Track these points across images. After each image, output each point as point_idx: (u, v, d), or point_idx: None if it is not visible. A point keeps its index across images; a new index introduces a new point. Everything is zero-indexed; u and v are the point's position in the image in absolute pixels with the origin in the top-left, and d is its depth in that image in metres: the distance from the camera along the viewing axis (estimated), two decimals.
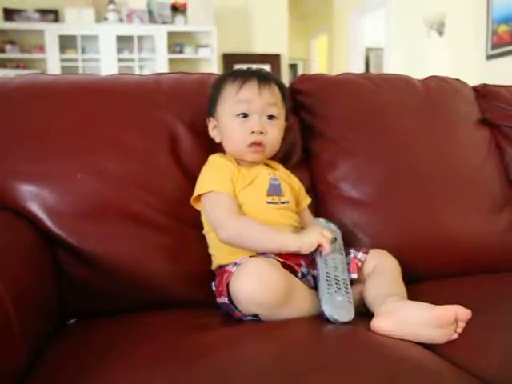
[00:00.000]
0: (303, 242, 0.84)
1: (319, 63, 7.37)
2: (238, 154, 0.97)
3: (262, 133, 0.94)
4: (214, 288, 0.90)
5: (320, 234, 0.85)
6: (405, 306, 0.76)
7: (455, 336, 0.73)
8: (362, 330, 0.75)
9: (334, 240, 0.90)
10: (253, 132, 0.93)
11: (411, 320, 0.72)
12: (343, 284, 0.83)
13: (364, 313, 0.83)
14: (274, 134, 0.96)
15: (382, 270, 0.88)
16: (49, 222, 0.89)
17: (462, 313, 0.71)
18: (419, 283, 0.97)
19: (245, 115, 0.94)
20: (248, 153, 0.95)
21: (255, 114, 0.94)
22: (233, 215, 0.88)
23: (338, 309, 0.78)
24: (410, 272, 0.93)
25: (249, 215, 0.91)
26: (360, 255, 0.91)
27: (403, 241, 1.06)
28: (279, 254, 0.85)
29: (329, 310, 0.78)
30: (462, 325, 0.72)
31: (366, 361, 0.65)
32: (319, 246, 0.85)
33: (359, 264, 0.89)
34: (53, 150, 0.94)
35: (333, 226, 0.97)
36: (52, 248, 0.89)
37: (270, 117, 0.96)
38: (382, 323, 0.74)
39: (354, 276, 0.88)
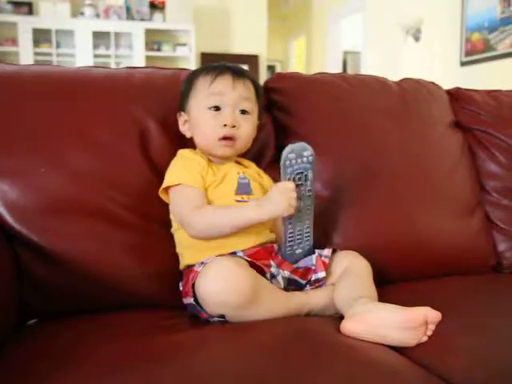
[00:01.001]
0: (269, 212, 0.82)
1: (297, 65, 7.40)
2: (208, 148, 0.95)
3: (234, 126, 0.92)
4: (181, 288, 0.88)
5: (285, 204, 0.80)
6: (374, 308, 0.75)
7: (425, 338, 0.72)
8: (330, 331, 0.74)
9: (303, 181, 0.83)
10: (225, 125, 0.91)
11: (380, 322, 0.71)
12: (305, 234, 0.88)
13: (333, 315, 0.82)
14: (246, 129, 0.94)
15: (352, 271, 0.87)
16: (9, 218, 0.85)
17: (431, 315, 0.70)
18: (390, 285, 0.97)
19: (217, 108, 0.92)
20: (219, 147, 0.93)
21: (228, 107, 0.92)
22: (196, 210, 0.86)
23: (295, 256, 0.88)
24: (381, 273, 0.93)
25: None
26: (325, 252, 0.90)
27: (375, 242, 1.05)
28: (249, 254, 0.83)
29: (289, 259, 0.87)
30: (431, 327, 0.71)
31: (333, 363, 0.64)
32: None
33: (326, 261, 0.88)
34: (15, 143, 0.89)
35: (303, 159, 0.83)
36: (12, 245, 0.85)
37: (243, 111, 0.94)
38: (350, 325, 0.73)
39: (323, 274, 0.87)
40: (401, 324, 0.70)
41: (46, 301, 0.88)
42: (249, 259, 0.81)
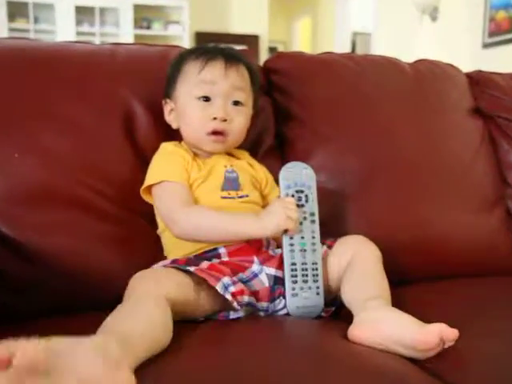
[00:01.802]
0: (265, 228, 0.81)
1: (301, 47, 7.38)
2: (196, 143, 0.94)
3: (225, 120, 0.91)
4: None
5: (284, 216, 0.79)
6: (386, 317, 0.73)
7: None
8: (336, 337, 0.73)
9: (304, 202, 0.84)
10: (215, 118, 0.90)
11: (392, 338, 0.70)
12: (311, 271, 0.83)
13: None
14: (239, 123, 0.93)
15: (359, 264, 0.84)
16: None
17: (448, 333, 0.68)
18: (402, 286, 0.96)
19: (207, 99, 0.91)
20: (207, 142, 0.92)
21: (219, 97, 0.91)
22: (184, 207, 0.85)
23: (304, 308, 0.82)
24: (395, 273, 0.90)
25: None
26: (322, 250, 0.88)
27: (384, 240, 1.03)
28: (230, 251, 0.84)
29: (294, 312, 0.82)
30: (448, 344, 0.69)
31: (340, 372, 0.63)
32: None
33: None
34: None
35: (302, 177, 0.86)
36: None
37: (236, 103, 0.93)
38: (360, 333, 0.72)
39: None
40: (413, 345, 0.68)
41: (18, 300, 0.87)
42: (192, 270, 0.78)
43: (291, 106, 1.12)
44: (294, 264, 0.82)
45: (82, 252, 0.89)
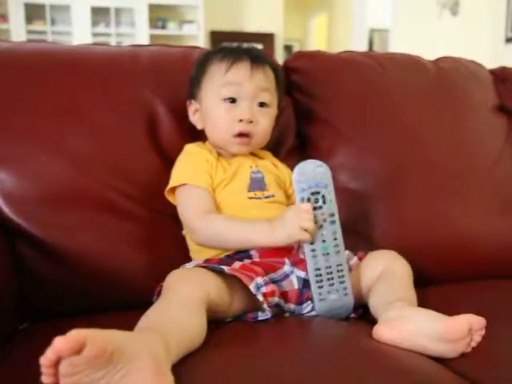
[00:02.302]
0: (276, 238, 0.80)
1: (317, 45, 7.36)
2: (221, 144, 0.95)
3: (251, 122, 0.91)
4: None
5: (297, 227, 0.78)
6: (411, 314, 0.73)
7: (469, 350, 0.70)
8: (362, 336, 0.74)
9: (322, 203, 0.80)
10: (241, 120, 0.91)
11: (417, 332, 0.70)
12: (336, 273, 0.81)
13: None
14: (264, 125, 0.94)
15: (389, 274, 0.85)
16: (6, 209, 0.87)
17: (475, 322, 0.69)
18: (426, 287, 0.96)
19: (233, 100, 0.92)
20: (233, 144, 0.93)
21: (245, 99, 0.92)
22: (202, 216, 0.87)
23: (333, 310, 0.81)
24: (417, 275, 0.90)
25: (228, 213, 0.89)
26: (353, 261, 0.89)
27: (407, 241, 1.04)
28: (261, 253, 0.85)
29: (324, 314, 0.81)
30: (476, 338, 0.70)
31: (366, 371, 0.64)
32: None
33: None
34: (12, 129, 0.91)
35: (317, 177, 0.81)
36: (11, 239, 0.87)
37: (262, 104, 0.93)
38: (384, 332, 0.72)
39: None
40: (440, 335, 0.68)
41: (45, 299, 0.89)
42: (226, 270, 0.79)
43: (312, 106, 1.13)
44: (318, 269, 0.81)
45: (108, 252, 0.90)
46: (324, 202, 0.80)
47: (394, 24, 5.02)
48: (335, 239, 0.82)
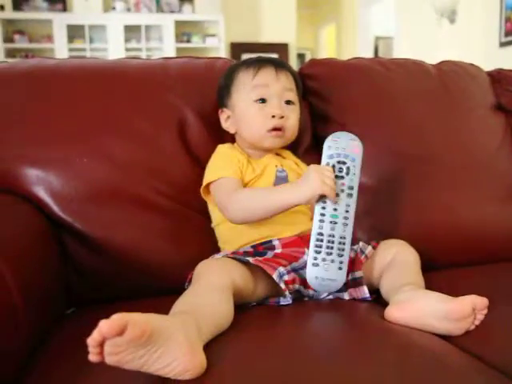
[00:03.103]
0: (302, 192, 0.77)
1: (327, 52, 7.30)
2: (257, 141, 0.94)
3: (282, 117, 0.91)
4: None
5: (319, 180, 0.74)
6: (420, 296, 0.73)
7: (473, 327, 0.70)
8: (375, 317, 0.73)
9: (345, 174, 0.76)
10: (273, 116, 0.91)
11: (426, 312, 0.69)
12: (338, 245, 0.76)
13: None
14: (293, 120, 0.94)
15: (399, 261, 0.84)
16: (55, 207, 0.87)
17: (478, 302, 0.68)
18: (433, 272, 0.94)
19: (263, 100, 0.92)
20: (268, 138, 0.92)
21: (274, 98, 0.91)
22: (232, 194, 0.86)
23: (323, 280, 0.77)
24: (425, 260, 0.89)
25: None
26: (368, 250, 0.87)
27: (418, 230, 1.03)
28: (284, 243, 0.84)
29: (313, 282, 0.78)
30: (480, 317, 0.69)
31: (381, 350, 0.63)
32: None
33: (363, 260, 0.85)
34: (59, 134, 0.92)
35: (347, 148, 0.76)
36: (58, 233, 0.88)
37: (288, 102, 0.93)
38: (395, 313, 0.72)
39: (360, 274, 0.83)
40: (447, 314, 0.68)
41: (89, 288, 0.90)
42: (251, 260, 0.78)
43: (326, 109, 1.12)
44: (320, 234, 0.77)
45: (143, 244, 0.90)
46: (347, 174, 0.76)
47: (398, 32, 4.95)
48: (347, 211, 0.77)
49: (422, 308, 0.70)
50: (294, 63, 5.46)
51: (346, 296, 0.82)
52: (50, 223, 0.86)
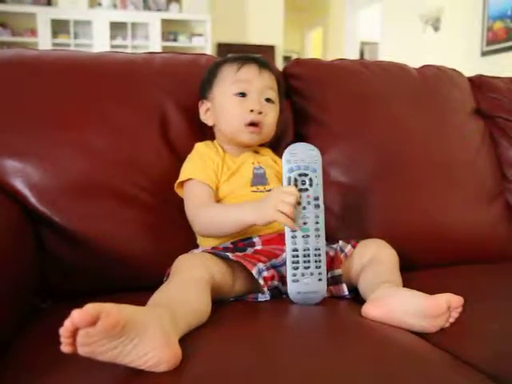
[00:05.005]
0: (262, 218, 0.77)
1: (313, 56, 7.33)
2: (233, 135, 0.94)
3: (260, 113, 0.91)
4: None
5: (272, 210, 0.74)
6: (396, 293, 0.74)
7: (447, 325, 0.70)
8: (352, 314, 0.74)
9: (308, 186, 0.75)
10: (251, 111, 0.91)
11: (401, 308, 0.70)
12: (314, 257, 0.76)
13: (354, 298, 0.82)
14: (271, 117, 0.94)
15: (377, 260, 0.85)
16: (32, 199, 0.86)
17: (454, 300, 0.68)
18: (409, 272, 0.95)
19: (243, 94, 0.92)
20: (245, 133, 0.92)
21: (254, 93, 0.92)
22: (200, 206, 0.86)
23: (305, 294, 0.76)
24: (401, 260, 0.90)
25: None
26: (347, 249, 0.87)
27: (392, 229, 1.04)
28: (264, 240, 0.84)
29: (295, 297, 0.77)
30: (454, 314, 0.70)
31: (356, 344, 0.64)
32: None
33: (343, 258, 0.86)
34: (38, 125, 0.90)
35: (307, 160, 0.75)
36: (35, 225, 0.86)
37: (268, 100, 0.94)
38: (372, 310, 0.72)
39: (339, 272, 0.83)
40: (422, 312, 0.68)
41: (66, 280, 0.88)
42: (230, 256, 0.78)
43: (308, 108, 1.12)
44: (295, 250, 0.76)
45: (122, 238, 0.90)
46: (310, 185, 0.75)
47: (383, 37, 5.00)
48: (317, 223, 0.76)
49: (398, 305, 0.70)
50: (280, 66, 5.46)
51: (325, 293, 0.82)
52: (27, 215, 0.85)
